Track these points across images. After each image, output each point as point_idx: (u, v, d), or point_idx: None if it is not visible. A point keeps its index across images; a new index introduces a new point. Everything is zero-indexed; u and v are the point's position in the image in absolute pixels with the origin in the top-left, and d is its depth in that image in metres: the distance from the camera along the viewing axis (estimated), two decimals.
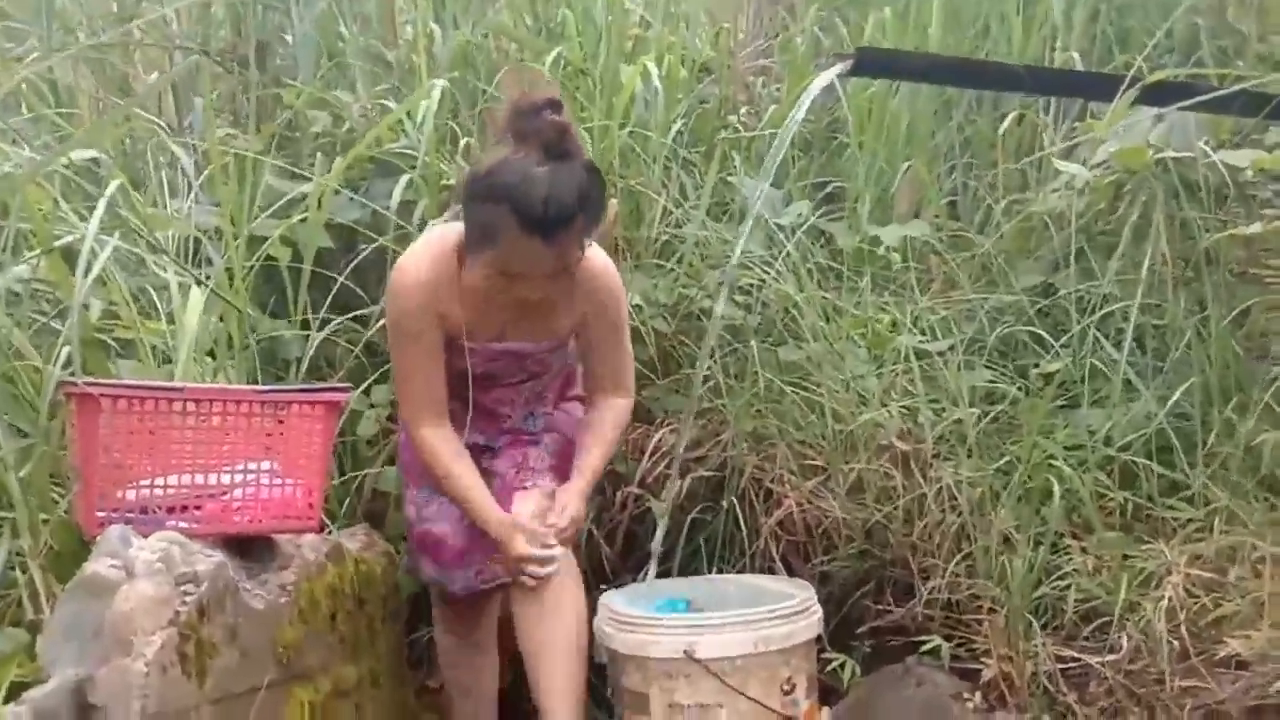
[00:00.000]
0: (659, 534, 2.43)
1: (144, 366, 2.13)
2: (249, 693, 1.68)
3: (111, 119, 2.62)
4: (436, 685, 2.50)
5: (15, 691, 1.50)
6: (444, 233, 2.10)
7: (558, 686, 2.05)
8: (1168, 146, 2.57)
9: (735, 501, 2.51)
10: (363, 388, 2.50)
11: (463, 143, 2.73)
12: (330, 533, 2.21)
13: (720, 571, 2.51)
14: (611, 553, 2.52)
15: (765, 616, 2.11)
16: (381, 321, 2.54)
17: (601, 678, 2.26)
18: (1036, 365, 2.55)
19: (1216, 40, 3.06)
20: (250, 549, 1.87)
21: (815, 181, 2.97)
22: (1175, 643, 2.14)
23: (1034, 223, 2.77)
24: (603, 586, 2.42)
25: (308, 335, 2.49)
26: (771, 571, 2.49)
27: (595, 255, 2.11)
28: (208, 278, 2.28)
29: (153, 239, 2.24)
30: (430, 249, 2.09)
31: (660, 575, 2.42)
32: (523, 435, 2.26)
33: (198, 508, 1.81)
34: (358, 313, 2.58)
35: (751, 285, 2.63)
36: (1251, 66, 2.84)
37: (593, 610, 2.21)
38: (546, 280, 2.02)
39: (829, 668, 2.35)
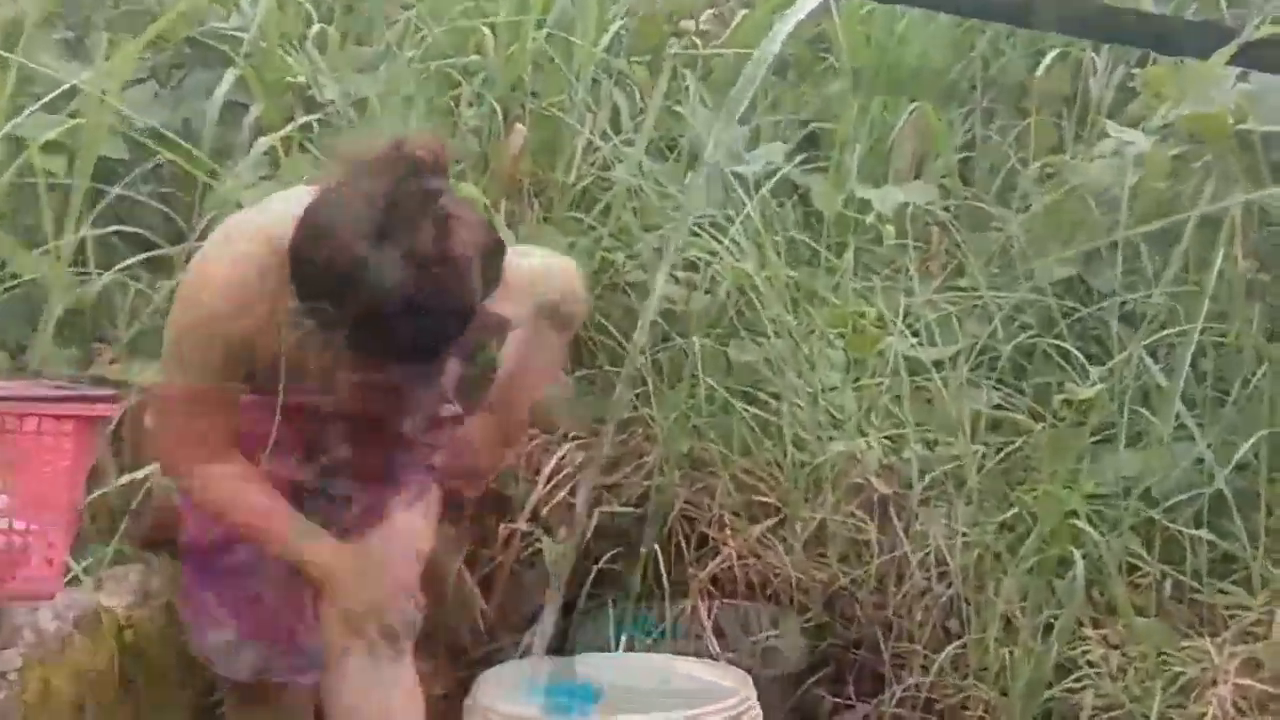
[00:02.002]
0: (553, 589, 2.09)
1: None
2: None
3: None
4: None
5: None
6: (270, 230, 1.62)
7: None
8: (1252, 116, 2.23)
9: (657, 549, 2.19)
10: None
11: (315, 28, 2.31)
12: (80, 580, 1.84)
13: (632, 641, 2.17)
14: (489, 608, 2.14)
15: None
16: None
17: None
18: (1060, 388, 2.23)
19: None
20: None
21: (791, 118, 2.60)
22: None
23: (1070, 197, 2.42)
24: (470, 656, 2.10)
25: (83, 279, 2.13)
26: (698, 641, 2.16)
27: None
28: None
29: None
30: (250, 255, 1.61)
31: (551, 648, 2.08)
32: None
33: None
34: (156, 253, 2.18)
35: (699, 259, 2.27)
36: None
37: (460, 693, 1.94)
38: None
39: None
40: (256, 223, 1.67)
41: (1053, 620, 2.07)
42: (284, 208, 1.62)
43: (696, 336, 2.28)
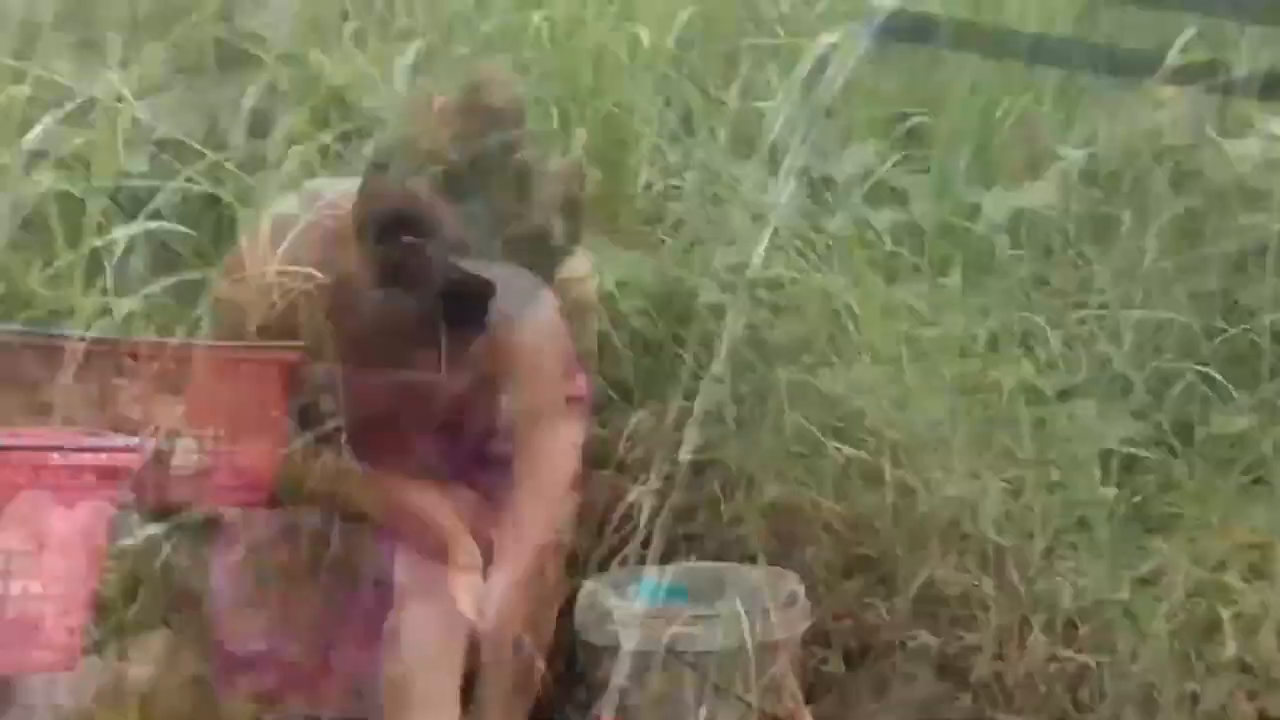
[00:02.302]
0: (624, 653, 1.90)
1: None
2: None
3: None
4: None
5: None
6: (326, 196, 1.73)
7: None
8: None
9: (741, 607, 1.99)
10: None
11: (349, 27, 2.25)
12: (100, 648, 1.85)
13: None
14: (549, 675, 1.98)
15: None
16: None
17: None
18: (1205, 421, 2.14)
19: None
20: None
21: (887, 113, 2.47)
22: None
23: (1212, 198, 2.30)
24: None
25: (109, 311, 2.04)
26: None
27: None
28: None
29: None
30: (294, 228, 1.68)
31: None
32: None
33: None
34: (182, 277, 2.08)
35: (784, 276, 2.18)
36: None
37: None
38: None
39: None
40: (301, 201, 1.72)
41: (1199, 691, 1.95)
42: (325, 188, 1.71)
43: (782, 366, 2.17)
